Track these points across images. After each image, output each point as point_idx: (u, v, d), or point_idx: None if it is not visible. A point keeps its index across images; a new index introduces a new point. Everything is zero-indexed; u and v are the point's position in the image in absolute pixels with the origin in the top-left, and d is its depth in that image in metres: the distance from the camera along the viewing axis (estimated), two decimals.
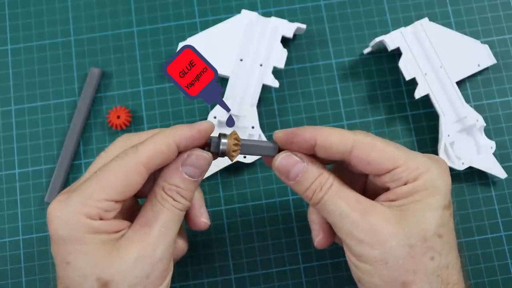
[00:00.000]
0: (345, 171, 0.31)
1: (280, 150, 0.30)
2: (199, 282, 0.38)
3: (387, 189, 0.29)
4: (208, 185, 0.40)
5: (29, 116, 0.41)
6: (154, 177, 0.29)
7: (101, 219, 0.27)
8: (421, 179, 0.27)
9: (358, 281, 0.29)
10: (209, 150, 0.29)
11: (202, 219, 0.31)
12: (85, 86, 0.40)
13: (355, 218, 0.27)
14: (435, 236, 0.27)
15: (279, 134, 0.29)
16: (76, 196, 0.26)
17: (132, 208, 0.31)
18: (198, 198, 0.31)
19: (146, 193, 0.29)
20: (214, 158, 0.29)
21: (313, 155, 0.29)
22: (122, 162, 0.27)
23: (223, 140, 0.28)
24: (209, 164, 0.29)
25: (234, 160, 0.29)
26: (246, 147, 0.29)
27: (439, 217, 0.27)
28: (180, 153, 0.28)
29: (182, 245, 0.32)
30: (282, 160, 0.29)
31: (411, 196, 0.27)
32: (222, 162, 0.38)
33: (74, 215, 0.26)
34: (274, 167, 0.29)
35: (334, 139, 0.28)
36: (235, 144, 0.28)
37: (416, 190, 0.27)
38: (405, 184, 0.28)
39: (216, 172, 0.39)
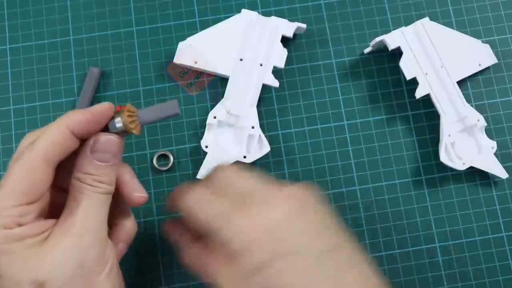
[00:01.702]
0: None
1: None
2: (199, 283, 0.38)
3: None
4: None
5: (28, 116, 0.41)
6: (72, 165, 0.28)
7: (19, 225, 0.25)
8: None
9: None
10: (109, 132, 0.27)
11: (135, 193, 0.30)
12: (85, 86, 0.40)
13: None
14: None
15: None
16: None
17: (58, 200, 0.29)
18: (127, 174, 0.30)
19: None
20: (123, 136, 0.28)
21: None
22: (21, 163, 0.26)
23: (117, 119, 0.27)
24: (120, 145, 0.28)
25: (138, 132, 0.28)
26: (144, 116, 0.27)
27: None
28: (84, 140, 0.27)
29: (129, 226, 0.31)
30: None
31: None
32: (221, 162, 0.38)
33: None
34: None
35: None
36: (130, 116, 0.27)
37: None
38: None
39: None
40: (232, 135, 0.39)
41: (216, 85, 0.41)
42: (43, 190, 0.26)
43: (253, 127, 0.38)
